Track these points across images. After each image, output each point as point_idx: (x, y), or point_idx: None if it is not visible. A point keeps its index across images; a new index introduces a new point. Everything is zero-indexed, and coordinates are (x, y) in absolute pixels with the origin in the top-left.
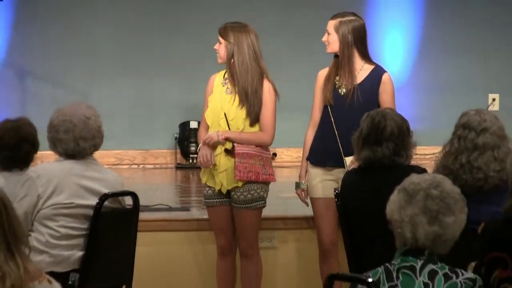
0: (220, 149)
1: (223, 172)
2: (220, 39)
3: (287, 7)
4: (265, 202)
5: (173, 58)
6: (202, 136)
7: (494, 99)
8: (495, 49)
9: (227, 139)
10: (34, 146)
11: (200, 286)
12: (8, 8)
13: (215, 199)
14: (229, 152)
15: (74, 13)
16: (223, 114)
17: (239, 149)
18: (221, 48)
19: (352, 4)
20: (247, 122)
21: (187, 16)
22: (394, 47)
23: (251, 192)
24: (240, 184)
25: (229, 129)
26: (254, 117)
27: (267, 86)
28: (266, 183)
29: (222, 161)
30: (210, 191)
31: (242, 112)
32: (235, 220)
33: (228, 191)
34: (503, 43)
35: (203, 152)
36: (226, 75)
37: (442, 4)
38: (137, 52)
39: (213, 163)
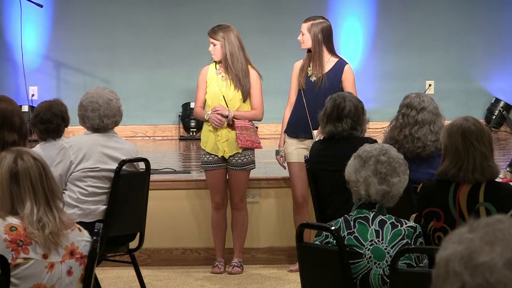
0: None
1: (225, 142)
2: (213, 40)
3: (267, 13)
4: (255, 165)
5: (177, 53)
6: (198, 111)
7: (430, 85)
8: (431, 44)
9: (233, 117)
10: (64, 121)
11: (197, 233)
12: (49, 13)
13: (215, 164)
14: (230, 126)
15: (99, 17)
16: (222, 96)
17: (238, 123)
18: (215, 49)
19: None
20: (242, 101)
21: (188, 21)
22: (353, 45)
23: (246, 157)
24: (240, 150)
25: (228, 108)
26: (246, 96)
27: (253, 72)
28: (255, 149)
29: (224, 132)
30: (210, 158)
31: (239, 94)
32: (231, 180)
33: (225, 157)
34: (437, 40)
35: (215, 117)
36: (218, 66)
37: (390, 10)
38: (149, 48)
39: (227, 119)
